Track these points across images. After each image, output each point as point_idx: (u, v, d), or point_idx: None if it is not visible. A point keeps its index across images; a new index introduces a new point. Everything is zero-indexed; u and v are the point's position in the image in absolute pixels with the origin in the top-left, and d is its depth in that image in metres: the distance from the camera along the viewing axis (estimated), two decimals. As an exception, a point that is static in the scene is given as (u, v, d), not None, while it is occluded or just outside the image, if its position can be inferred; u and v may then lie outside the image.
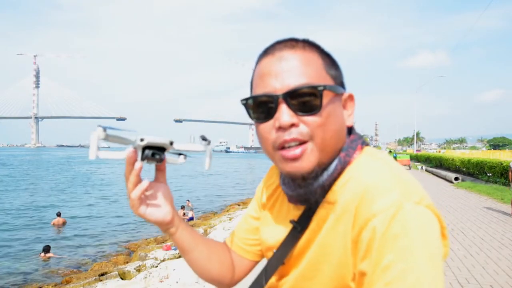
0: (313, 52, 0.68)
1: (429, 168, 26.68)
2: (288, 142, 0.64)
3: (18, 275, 7.63)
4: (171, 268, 5.97)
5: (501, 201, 11.03)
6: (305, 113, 0.64)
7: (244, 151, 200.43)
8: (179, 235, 0.80)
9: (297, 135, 0.64)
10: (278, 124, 0.64)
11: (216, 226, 10.29)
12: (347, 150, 0.70)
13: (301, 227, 0.72)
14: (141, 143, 0.65)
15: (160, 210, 0.75)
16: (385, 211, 0.58)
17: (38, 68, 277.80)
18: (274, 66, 0.66)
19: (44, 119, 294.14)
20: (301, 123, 0.64)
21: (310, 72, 0.66)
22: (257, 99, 0.67)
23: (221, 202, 17.65)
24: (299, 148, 0.64)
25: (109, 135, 0.62)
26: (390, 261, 0.56)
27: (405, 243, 0.56)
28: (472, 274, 4.71)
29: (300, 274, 0.74)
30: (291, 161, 0.65)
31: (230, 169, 46.82)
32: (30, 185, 24.03)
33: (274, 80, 0.65)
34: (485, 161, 17.15)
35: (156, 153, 0.67)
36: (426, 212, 0.60)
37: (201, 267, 0.86)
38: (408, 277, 0.54)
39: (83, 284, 6.29)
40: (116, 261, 8.15)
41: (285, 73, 0.65)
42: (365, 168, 0.67)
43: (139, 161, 0.67)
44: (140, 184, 0.70)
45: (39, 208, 15.61)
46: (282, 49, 0.68)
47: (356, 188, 0.64)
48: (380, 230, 0.58)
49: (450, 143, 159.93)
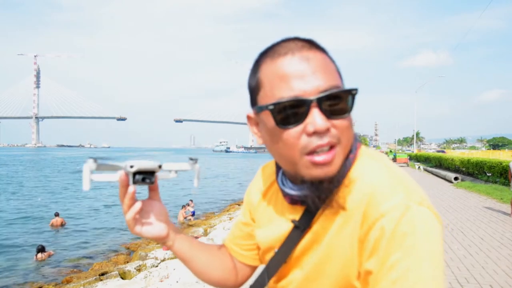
0: (325, 53, 0.67)
1: (429, 168, 26.67)
2: (322, 146, 0.62)
3: (18, 275, 7.63)
4: (171, 267, 5.97)
5: (501, 201, 11.04)
6: (336, 117, 0.63)
7: (244, 151, 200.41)
8: (176, 247, 0.83)
9: (330, 139, 0.62)
10: (312, 129, 0.61)
11: (216, 226, 10.29)
12: (353, 151, 0.70)
13: (303, 226, 0.72)
14: (131, 170, 0.68)
15: (155, 227, 0.78)
16: (393, 211, 0.60)
17: (38, 68, 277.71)
18: (298, 67, 0.63)
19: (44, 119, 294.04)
20: (332, 127, 0.63)
21: (333, 73, 0.65)
22: (286, 103, 0.62)
23: (221, 202, 17.62)
24: (330, 153, 0.63)
25: (100, 165, 0.66)
26: (397, 259, 0.58)
27: (412, 242, 0.58)
28: (472, 273, 4.72)
29: (304, 275, 0.74)
30: (322, 166, 0.63)
31: (230, 169, 46.78)
32: (28, 185, 24.05)
33: (301, 82, 0.62)
34: (485, 161, 17.14)
35: (146, 177, 0.70)
36: (429, 213, 0.62)
37: (202, 273, 0.88)
38: (410, 275, 0.56)
39: (83, 284, 6.29)
40: (116, 260, 8.16)
41: (312, 74, 0.62)
42: (366, 170, 0.69)
43: (131, 186, 0.70)
44: (133, 207, 0.73)
45: (38, 208, 15.60)
46: (300, 49, 0.64)
47: (362, 190, 0.66)
48: (388, 229, 0.59)
49: (449, 143, 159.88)
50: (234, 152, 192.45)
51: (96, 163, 0.65)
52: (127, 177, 0.70)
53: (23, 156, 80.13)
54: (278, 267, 0.78)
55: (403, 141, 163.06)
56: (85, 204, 16.40)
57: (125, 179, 0.70)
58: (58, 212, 12.53)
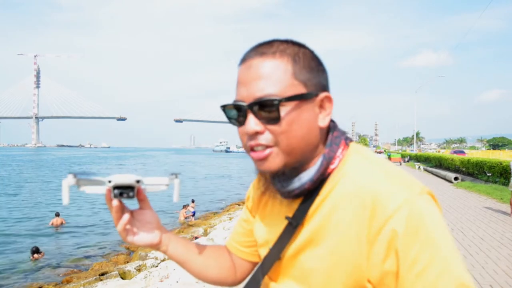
0: (283, 58, 0.69)
1: (429, 168, 26.68)
2: (253, 146, 0.70)
3: (18, 275, 7.62)
4: (171, 267, 5.98)
5: (501, 200, 11.03)
6: (268, 122, 0.68)
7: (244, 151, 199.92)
8: (171, 252, 0.86)
9: (261, 141, 0.69)
10: (245, 131, 0.69)
11: (216, 226, 10.29)
12: (330, 146, 0.73)
13: (296, 222, 0.74)
14: (109, 184, 0.70)
15: (146, 235, 0.82)
16: (400, 210, 0.63)
17: (38, 68, 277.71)
18: (244, 74, 0.70)
19: (44, 119, 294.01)
20: (267, 130, 0.68)
21: (276, 81, 0.67)
22: (226, 107, 0.72)
23: (221, 202, 17.64)
24: (265, 151, 0.69)
25: (80, 180, 0.68)
26: (417, 253, 0.61)
27: (425, 233, 0.62)
28: (472, 274, 4.71)
29: (304, 277, 0.74)
30: (259, 161, 0.70)
31: (230, 169, 46.80)
32: (28, 185, 24.04)
33: (244, 88, 0.69)
34: (485, 161, 17.13)
35: (124, 192, 0.72)
36: (429, 199, 0.66)
37: (199, 273, 0.92)
38: (436, 261, 0.61)
39: (83, 284, 6.29)
40: (116, 260, 8.16)
41: (252, 82, 0.68)
42: (360, 168, 0.71)
43: (114, 199, 0.73)
44: (121, 219, 0.76)
45: (38, 208, 15.61)
46: (253, 56, 0.70)
47: (359, 189, 0.68)
48: (400, 229, 0.62)
49: (449, 143, 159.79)
50: (234, 152, 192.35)
51: (76, 178, 0.67)
52: (109, 192, 0.72)
53: (22, 157, 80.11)
54: (272, 263, 0.79)
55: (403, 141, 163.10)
56: (85, 204, 16.39)
57: (108, 194, 0.73)
58: (59, 212, 12.53)
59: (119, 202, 0.74)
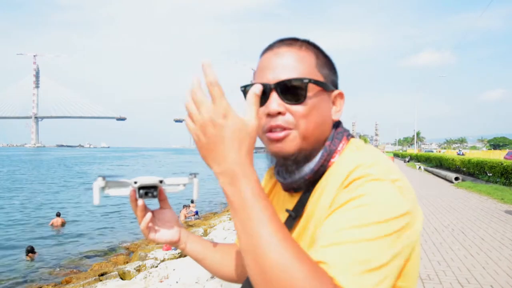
0: (308, 51, 0.75)
1: (429, 168, 26.68)
2: (273, 127, 0.72)
3: (18, 275, 7.62)
4: (171, 268, 5.97)
5: (501, 201, 11.03)
6: (291, 103, 0.71)
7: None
8: (189, 249, 0.91)
9: (282, 122, 0.71)
10: (267, 110, 0.71)
11: (216, 226, 10.28)
12: (332, 140, 0.76)
13: (295, 214, 0.77)
14: (135, 185, 0.76)
15: (167, 233, 0.87)
16: (365, 177, 0.64)
17: (38, 68, 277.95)
18: (271, 61, 0.74)
19: (44, 119, 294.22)
20: (288, 112, 0.72)
21: (302, 68, 0.73)
22: (250, 86, 0.73)
23: (221, 202, 17.64)
24: (282, 132, 0.71)
25: (109, 182, 0.74)
26: (346, 201, 0.62)
27: (366, 200, 0.61)
28: (473, 274, 4.70)
29: None
30: (275, 142, 0.72)
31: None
32: (28, 185, 24.03)
33: (270, 73, 0.73)
34: (485, 161, 17.13)
35: (149, 192, 0.78)
36: (397, 191, 0.64)
37: (215, 270, 0.96)
38: (353, 224, 0.59)
39: (83, 284, 6.28)
40: (116, 261, 8.15)
41: (279, 67, 0.73)
42: (350, 155, 0.74)
43: (139, 199, 0.79)
44: (145, 217, 0.82)
45: (38, 208, 15.60)
46: (280, 46, 0.76)
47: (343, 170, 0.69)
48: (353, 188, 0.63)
49: (450, 143, 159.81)
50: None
51: (105, 181, 0.73)
52: (134, 193, 0.78)
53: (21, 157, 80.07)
54: None
55: (404, 141, 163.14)
56: (85, 204, 16.39)
57: (133, 194, 0.78)
58: (60, 212, 12.53)
59: (143, 202, 0.80)
